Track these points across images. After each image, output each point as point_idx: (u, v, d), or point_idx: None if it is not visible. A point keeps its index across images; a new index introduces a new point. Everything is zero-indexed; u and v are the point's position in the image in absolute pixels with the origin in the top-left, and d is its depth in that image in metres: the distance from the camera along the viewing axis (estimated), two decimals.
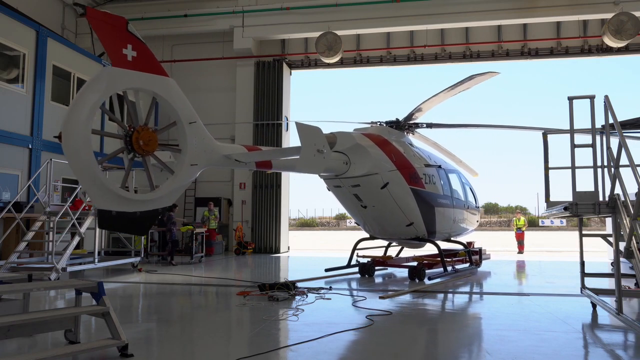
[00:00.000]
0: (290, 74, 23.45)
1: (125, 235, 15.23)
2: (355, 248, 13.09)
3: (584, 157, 7.61)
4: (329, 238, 42.91)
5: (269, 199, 21.73)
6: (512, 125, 13.20)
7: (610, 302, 7.40)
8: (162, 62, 20.98)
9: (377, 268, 13.05)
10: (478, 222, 15.77)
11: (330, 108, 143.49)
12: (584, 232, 8.31)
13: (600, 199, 7.42)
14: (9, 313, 5.51)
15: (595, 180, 7.47)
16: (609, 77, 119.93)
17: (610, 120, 7.06)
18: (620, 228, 6.72)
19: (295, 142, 7.92)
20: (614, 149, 6.91)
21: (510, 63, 23.34)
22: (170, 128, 7.05)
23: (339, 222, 75.64)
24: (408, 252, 15.35)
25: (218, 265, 15.89)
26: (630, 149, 6.43)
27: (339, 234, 51.58)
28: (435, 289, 10.36)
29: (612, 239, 7.08)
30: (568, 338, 6.14)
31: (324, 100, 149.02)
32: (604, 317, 7.44)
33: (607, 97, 7.22)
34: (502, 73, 10.87)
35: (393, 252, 14.78)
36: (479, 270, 13.84)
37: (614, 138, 7.03)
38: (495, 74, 10.73)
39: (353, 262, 12.91)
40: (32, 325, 5.20)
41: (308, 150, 8.16)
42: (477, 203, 15.38)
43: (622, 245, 6.43)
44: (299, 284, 10.22)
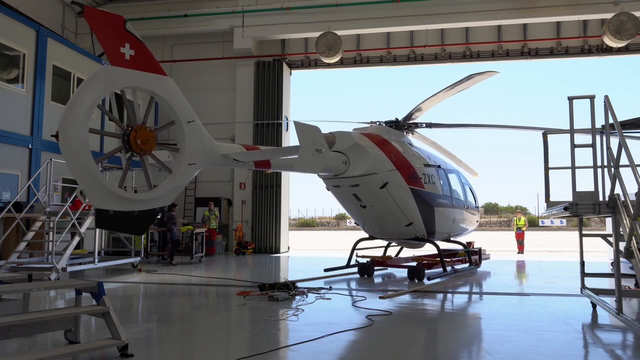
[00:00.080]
0: (290, 74, 23.46)
1: (126, 235, 15.22)
2: (355, 248, 13.08)
3: (584, 157, 7.63)
4: (329, 238, 42.91)
5: (269, 199, 21.74)
6: (512, 125, 13.20)
7: (610, 302, 7.40)
8: (162, 62, 21.04)
9: (376, 268, 13.03)
10: (478, 222, 15.76)
11: (330, 108, 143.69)
12: (584, 232, 8.31)
13: (600, 199, 7.42)
14: (9, 313, 5.51)
15: (595, 180, 7.47)
16: (609, 77, 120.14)
17: (610, 120, 7.06)
18: (620, 228, 6.72)
19: (295, 142, 7.91)
20: (614, 149, 6.91)
21: (510, 63, 23.36)
22: (168, 127, 7.04)
23: (339, 222, 75.64)
24: (407, 252, 15.35)
25: (218, 265, 15.88)
26: (630, 149, 6.43)
27: (339, 234, 51.57)
28: (435, 289, 10.36)
29: (612, 239, 7.08)
30: (568, 338, 6.14)
31: (324, 100, 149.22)
32: (604, 317, 7.44)
33: (607, 97, 7.23)
34: (502, 73, 10.88)
35: (392, 252, 14.78)
36: (479, 271, 13.83)
37: (614, 138, 7.03)
38: (495, 73, 10.71)
39: (352, 262, 12.90)
40: (32, 325, 5.20)
41: (306, 150, 8.13)
42: (476, 203, 15.37)
43: (622, 245, 6.43)
44: (299, 284, 10.22)
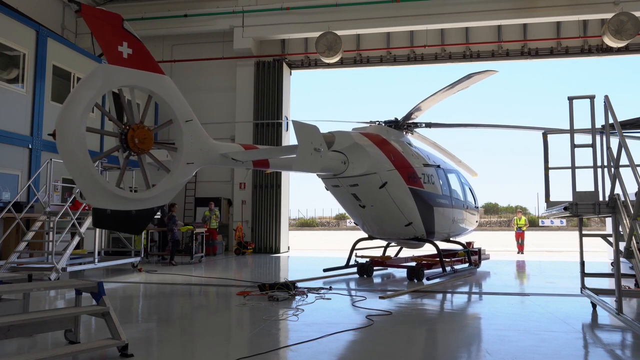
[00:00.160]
0: (290, 74, 23.45)
1: (125, 235, 15.21)
2: (354, 248, 13.07)
3: (584, 157, 7.63)
4: (329, 238, 42.90)
5: (269, 199, 21.74)
6: (512, 125, 13.19)
7: (610, 302, 7.40)
8: (162, 62, 21.08)
9: (375, 268, 13.02)
10: (477, 222, 15.74)
11: (330, 108, 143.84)
12: (584, 232, 8.30)
13: (600, 199, 7.42)
14: (9, 313, 5.51)
15: (595, 180, 7.47)
16: (609, 77, 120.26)
17: (610, 120, 7.06)
18: (620, 228, 6.72)
19: (295, 141, 7.89)
20: (614, 149, 6.91)
21: (510, 63, 23.39)
22: (167, 126, 7.00)
23: (339, 222, 75.63)
24: (407, 252, 15.34)
25: (218, 265, 15.88)
26: (630, 149, 6.43)
27: (339, 234, 51.57)
28: (435, 289, 10.36)
29: (612, 239, 7.07)
30: (568, 338, 6.14)
31: (324, 100, 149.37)
32: (604, 317, 7.44)
33: (607, 97, 7.22)
34: (502, 73, 10.92)
35: (392, 252, 14.78)
36: (479, 271, 13.82)
37: (614, 138, 7.03)
38: (494, 73, 10.69)
39: (352, 262, 12.88)
40: (32, 325, 5.19)
41: (305, 149, 8.04)
42: (476, 203, 15.36)
43: (622, 245, 6.43)
44: (299, 284, 10.21)
